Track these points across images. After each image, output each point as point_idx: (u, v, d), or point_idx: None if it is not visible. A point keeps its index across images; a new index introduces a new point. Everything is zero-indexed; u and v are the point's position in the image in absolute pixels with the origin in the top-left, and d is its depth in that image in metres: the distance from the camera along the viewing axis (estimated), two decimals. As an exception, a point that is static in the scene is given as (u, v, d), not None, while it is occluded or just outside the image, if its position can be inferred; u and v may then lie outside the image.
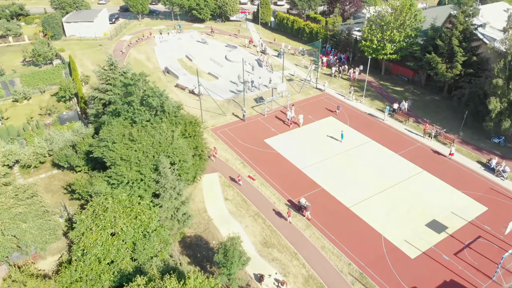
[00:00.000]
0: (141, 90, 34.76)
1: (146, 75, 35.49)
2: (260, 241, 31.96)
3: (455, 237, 32.16)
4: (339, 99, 53.23)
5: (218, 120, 48.63)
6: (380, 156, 41.57)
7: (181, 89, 56.32)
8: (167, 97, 35.20)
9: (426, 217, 33.99)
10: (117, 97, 34.97)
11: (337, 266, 29.88)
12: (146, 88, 34.23)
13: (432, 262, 30.07)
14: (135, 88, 33.93)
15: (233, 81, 58.05)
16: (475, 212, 34.44)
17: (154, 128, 32.71)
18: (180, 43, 70.26)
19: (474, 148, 43.05)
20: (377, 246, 31.41)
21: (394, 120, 48.24)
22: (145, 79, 35.05)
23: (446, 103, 52.15)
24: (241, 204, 35.60)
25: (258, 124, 47.60)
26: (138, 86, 34.29)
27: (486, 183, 37.82)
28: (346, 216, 34.20)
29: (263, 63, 62.25)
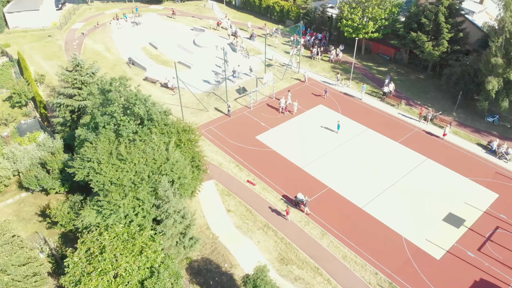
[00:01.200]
0: (122, 96, 29.88)
1: (126, 79, 30.54)
2: (277, 258, 29.03)
3: (474, 230, 30.93)
4: (325, 84, 50.34)
5: (201, 117, 44.33)
6: (380, 146, 39.51)
7: (151, 82, 50.98)
8: (154, 103, 30.61)
9: (441, 211, 32.50)
10: (94, 107, 29.87)
11: (363, 278, 27.69)
12: (128, 94, 29.40)
13: (458, 262, 28.65)
14: (116, 95, 29.02)
15: (209, 70, 53.33)
16: (487, 201, 33.40)
17: (144, 142, 28.25)
18: (140, 29, 63.81)
19: (471, 129, 42.05)
20: (400, 249, 29.53)
21: (386, 104, 46.24)
22: (125, 83, 30.13)
23: (432, 82, 50.83)
24: (246, 216, 32.31)
25: (245, 119, 43.86)
26: (120, 92, 29.38)
27: (491, 167, 36.91)
28: (360, 218, 31.96)
29: (237, 48, 57.78)
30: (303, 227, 31.29)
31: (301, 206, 32.37)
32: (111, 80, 29.34)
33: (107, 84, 28.76)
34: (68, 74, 35.42)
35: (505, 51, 38.89)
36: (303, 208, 32.25)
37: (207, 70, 53.16)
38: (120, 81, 29.36)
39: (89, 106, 31.00)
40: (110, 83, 29.30)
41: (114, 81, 29.53)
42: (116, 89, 29.20)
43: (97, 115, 28.78)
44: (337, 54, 56.02)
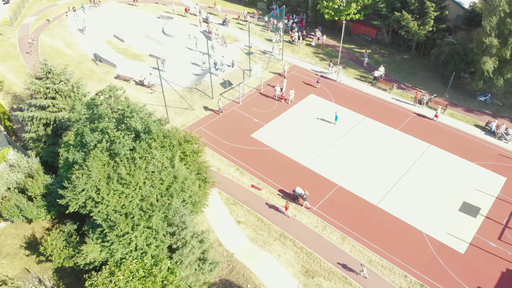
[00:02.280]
0: (113, 109, 26.20)
1: (117, 89, 26.76)
2: (301, 271, 27.09)
3: (491, 218, 30.46)
4: (312, 70, 48.11)
5: (187, 117, 40.91)
6: (382, 135, 38.14)
7: (125, 80, 46.50)
8: (150, 113, 27.15)
9: (456, 201, 31.76)
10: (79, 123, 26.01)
11: (394, 282, 26.42)
12: (121, 106, 25.75)
13: (482, 254, 28.05)
14: (107, 109, 25.30)
15: (186, 62, 49.41)
16: (497, 185, 33.05)
17: (145, 159, 24.92)
18: (101, 20, 58.10)
19: (465, 110, 41.60)
20: (424, 247, 28.48)
21: (377, 89, 44.82)
22: (116, 93, 26.39)
23: (418, 62, 49.97)
24: (259, 226, 29.99)
25: (236, 116, 40.94)
26: (110, 105, 25.66)
27: (493, 149, 36.61)
28: (377, 216, 30.58)
29: (212, 36, 53.97)
30: (321, 232, 29.48)
31: (300, 200, 30.90)
32: (101, 92, 25.55)
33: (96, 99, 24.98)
34: (39, 83, 30.80)
35: (498, 31, 38.18)
36: (302, 202, 30.80)
37: (185, 63, 49.26)
38: (110, 92, 25.60)
39: (73, 121, 26.99)
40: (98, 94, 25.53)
41: (103, 92, 25.76)
42: (105, 102, 25.46)
43: (86, 132, 24.96)
44: (319, 38, 53.77)
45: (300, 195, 31.19)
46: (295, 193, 31.51)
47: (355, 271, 26.88)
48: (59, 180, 28.61)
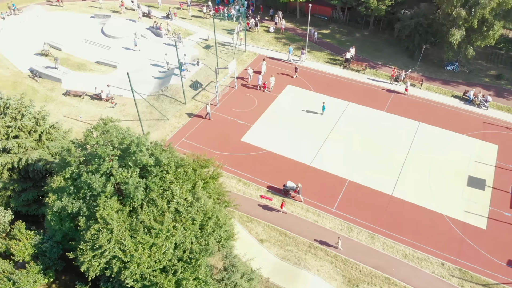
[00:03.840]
0: (113, 145, 21.97)
1: (113, 120, 22.45)
2: (344, 282, 25.64)
3: (498, 188, 31.34)
4: (281, 58, 45.84)
5: (164, 130, 36.78)
6: (371, 120, 37.48)
7: (77, 96, 40.52)
8: (156, 142, 23.28)
9: (462, 177, 32.19)
10: (73, 167, 21.50)
11: (434, 273, 26.08)
12: (125, 140, 21.63)
13: (502, 225, 28.76)
14: (106, 147, 21.09)
15: (142, 66, 44.33)
16: (492, 154, 34.09)
17: (165, 198, 21.34)
18: (28, 28, 49.98)
19: (439, 82, 42.37)
20: (449, 229, 28.48)
21: (351, 71, 43.94)
22: (116, 126, 22.12)
23: (379, 37, 49.93)
24: (284, 241, 27.85)
25: (217, 120, 37.64)
26: (112, 141, 21.42)
27: (477, 118, 37.73)
28: (396, 206, 29.98)
29: (162, 32, 49.04)
30: (348, 235, 28.18)
31: (292, 194, 29.96)
32: (96, 127, 21.22)
33: (90, 137, 20.64)
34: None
35: (464, 1, 38.75)
36: (294, 195, 29.93)
37: (142, 67, 44.18)
38: (104, 127, 21.36)
39: (61, 165, 22.29)
40: (93, 129, 21.19)
41: (98, 128, 21.44)
42: (101, 139, 21.19)
43: (90, 177, 20.58)
44: (276, 23, 51.37)
45: (292, 188, 29.93)
46: (287, 187, 30.16)
47: (393, 270, 26.06)
48: (51, 235, 23.92)
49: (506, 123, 36.90)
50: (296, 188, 29.83)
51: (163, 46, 47.47)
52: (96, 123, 22.37)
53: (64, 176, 21.72)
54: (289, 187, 30.21)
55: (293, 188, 30.00)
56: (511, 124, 36.81)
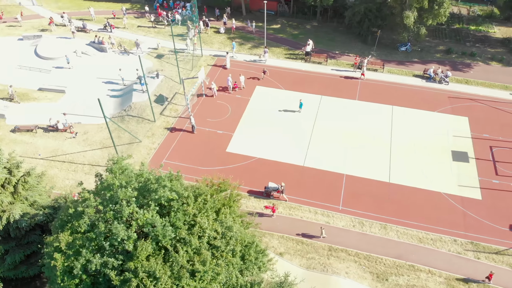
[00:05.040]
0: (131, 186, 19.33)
1: (123, 158, 19.70)
2: (373, 279, 25.42)
3: (480, 158, 33.12)
4: (242, 60, 44.36)
5: (139, 153, 33.78)
6: (348, 110, 37.71)
7: (28, 131, 35.71)
8: (171, 174, 20.90)
9: (446, 153, 33.54)
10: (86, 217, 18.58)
11: (450, 251, 26.88)
12: (142, 177, 19.13)
13: (494, 193, 30.40)
14: (126, 189, 18.48)
15: (94, 86, 40.24)
16: (465, 126, 35.97)
17: (195, 234, 19.31)
18: None
19: (396, 63, 43.80)
20: (450, 206, 29.52)
21: (313, 64, 43.84)
22: (126, 165, 19.42)
23: (329, 27, 50.53)
24: (303, 249, 26.93)
25: (193, 134, 35.38)
26: (130, 183, 18.79)
27: (441, 93, 39.60)
28: (397, 192, 30.44)
29: (106, 46, 45.02)
30: (362, 230, 28.03)
31: (275, 194, 29.69)
32: (109, 170, 18.47)
33: (110, 180, 17.91)
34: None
35: (413, -17, 40.26)
36: (277, 195, 29.63)
37: (95, 87, 40.12)
38: (121, 167, 18.70)
39: (66, 219, 19.18)
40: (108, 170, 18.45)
41: (114, 170, 18.69)
42: (117, 181, 18.53)
43: (116, 228, 17.77)
44: (225, 23, 49.65)
45: (275, 189, 29.45)
46: (269, 188, 29.54)
47: (414, 256, 26.42)
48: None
49: (468, 95, 39.17)
50: (279, 188, 29.19)
51: (110, 61, 43.60)
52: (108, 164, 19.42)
53: (77, 230, 18.70)
54: (271, 188, 29.47)
55: (275, 188, 29.38)
56: (473, 95, 39.12)
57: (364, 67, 41.14)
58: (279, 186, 29.36)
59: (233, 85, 39.34)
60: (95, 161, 32.81)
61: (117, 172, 18.11)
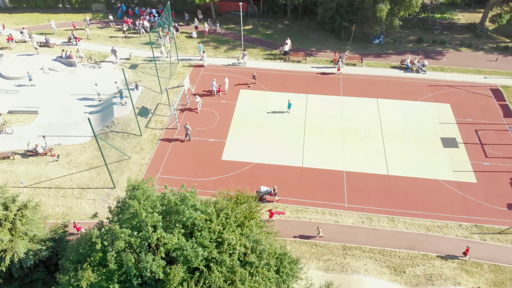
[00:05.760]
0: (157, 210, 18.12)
1: (146, 181, 18.39)
2: (391, 273, 25.55)
3: (468, 142, 34.25)
4: (220, 64, 43.40)
5: (131, 171, 32.10)
6: (335, 107, 37.87)
7: (5, 159, 32.94)
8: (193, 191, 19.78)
9: (435, 141, 34.40)
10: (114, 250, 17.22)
11: (457, 236, 27.56)
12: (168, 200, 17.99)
13: (487, 175, 31.52)
14: (152, 214, 17.30)
15: (69, 104, 37.87)
16: (448, 112, 37.11)
17: (226, 252, 18.49)
18: None
19: (374, 56, 44.58)
20: (450, 192, 30.28)
21: (292, 63, 43.68)
22: (147, 188, 18.13)
23: (301, 24, 50.60)
24: (318, 252, 26.63)
25: (186, 145, 34.19)
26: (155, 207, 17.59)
27: (421, 83, 40.65)
28: (397, 184, 30.86)
29: (75, 60, 42.55)
30: (371, 225, 28.16)
31: (268, 198, 29.34)
32: (131, 197, 17.15)
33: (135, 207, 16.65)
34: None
35: (384, -24, 40.99)
36: (271, 198, 29.35)
37: (68, 105, 37.77)
38: (140, 192, 17.44)
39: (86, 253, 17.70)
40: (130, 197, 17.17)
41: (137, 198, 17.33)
42: (144, 208, 17.30)
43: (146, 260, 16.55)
44: (196, 27, 48.43)
45: (267, 192, 29.18)
46: (261, 192, 29.19)
47: (425, 245, 26.86)
48: None
49: (446, 82, 40.46)
50: (271, 191, 28.89)
51: (81, 76, 41.27)
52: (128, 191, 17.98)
53: (98, 263, 17.29)
54: (263, 192, 29.11)
55: (268, 192, 29.03)
56: (451, 82, 40.46)
57: (341, 62, 41.41)
58: (271, 189, 28.86)
59: (218, 89, 38.45)
60: (84, 183, 30.85)
61: (141, 199, 16.83)
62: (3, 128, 34.45)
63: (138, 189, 17.53)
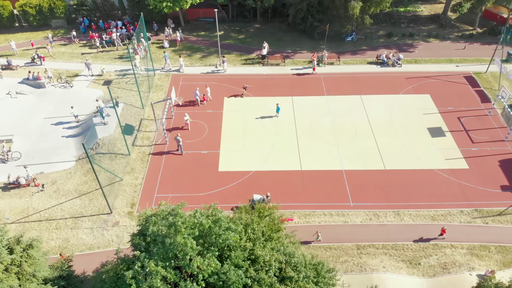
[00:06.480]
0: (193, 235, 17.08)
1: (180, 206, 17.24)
2: (408, 266, 25.82)
3: (452, 130, 35.47)
4: (199, 73, 42.36)
5: (126, 194, 30.47)
6: (321, 107, 38.01)
7: (-22, 194, 30.45)
8: (218, 210, 18.88)
9: (422, 131, 35.29)
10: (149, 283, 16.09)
11: (461, 222, 28.39)
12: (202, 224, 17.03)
13: (477, 160, 32.65)
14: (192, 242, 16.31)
15: (44, 127, 35.48)
16: (429, 103, 38.30)
17: (263, 270, 17.87)
18: None
19: (350, 54, 45.23)
20: (446, 180, 31.13)
21: (271, 66, 43.45)
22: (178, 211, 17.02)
23: (273, 27, 50.60)
24: (333, 254, 26.44)
25: (179, 160, 32.99)
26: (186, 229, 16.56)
27: (399, 76, 41.72)
28: (396, 177, 31.32)
29: (44, 81, 39.97)
30: (379, 221, 28.37)
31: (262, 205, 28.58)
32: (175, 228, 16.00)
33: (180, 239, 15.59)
34: None
35: (353, -25, 41.66)
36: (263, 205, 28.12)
37: (44, 130, 35.37)
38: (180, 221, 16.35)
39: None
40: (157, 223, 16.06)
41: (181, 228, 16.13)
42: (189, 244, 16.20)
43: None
44: (167, 36, 47.08)
45: (261, 200, 28.28)
46: (254, 201, 28.13)
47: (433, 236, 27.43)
48: None
49: (422, 73, 41.76)
50: (264, 199, 28.25)
51: (53, 97, 38.85)
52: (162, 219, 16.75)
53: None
54: (257, 200, 28.13)
55: (262, 199, 28.27)
56: (426, 73, 41.81)
57: (315, 62, 41.56)
58: (264, 197, 28.33)
59: (202, 98, 37.51)
60: (77, 212, 28.94)
61: (181, 227, 15.75)
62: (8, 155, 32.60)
63: (175, 216, 16.30)
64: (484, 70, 41.76)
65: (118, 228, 27.86)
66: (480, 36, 47.52)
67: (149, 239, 17.55)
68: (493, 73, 41.34)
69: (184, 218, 16.22)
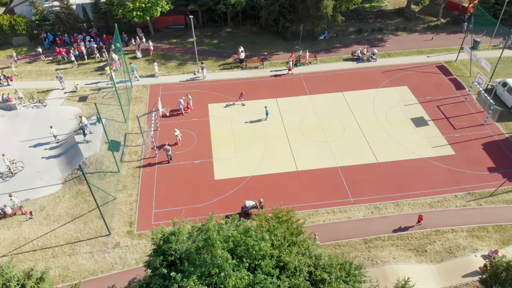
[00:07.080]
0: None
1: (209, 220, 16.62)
2: (415, 254, 26.40)
3: (434, 118, 36.78)
4: (178, 82, 41.47)
5: (122, 213, 29.25)
6: (306, 107, 38.29)
7: (-42, 229, 28.19)
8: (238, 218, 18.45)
9: (406, 123, 36.26)
10: None
11: (457, 206, 29.36)
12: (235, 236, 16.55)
13: (461, 145, 33.91)
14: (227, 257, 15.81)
15: (20, 152, 33.43)
16: (408, 94, 39.51)
17: (296, 276, 17.72)
18: None
19: (325, 52, 45.89)
20: (436, 168, 32.20)
21: (250, 69, 43.28)
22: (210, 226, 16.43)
23: (245, 30, 50.41)
24: (344, 251, 26.54)
25: (172, 172, 32.09)
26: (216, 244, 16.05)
27: (375, 71, 42.78)
28: (391, 170, 32.02)
29: (15, 102, 37.71)
30: (380, 213, 28.91)
31: (254, 212, 28.35)
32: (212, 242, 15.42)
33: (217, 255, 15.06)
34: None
35: (323, -26, 42.26)
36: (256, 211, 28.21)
37: (21, 154, 33.33)
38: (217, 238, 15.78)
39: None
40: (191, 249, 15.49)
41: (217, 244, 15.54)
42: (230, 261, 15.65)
43: None
44: (138, 46, 45.79)
45: (253, 207, 28.38)
46: (247, 208, 28.39)
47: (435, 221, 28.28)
48: None
49: (396, 66, 43.07)
50: (256, 205, 28.13)
51: (26, 118, 36.74)
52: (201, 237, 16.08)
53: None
54: (250, 207, 28.23)
55: (254, 206, 28.19)
56: (400, 66, 43.15)
57: (290, 62, 41.86)
58: (257, 203, 28.10)
59: (186, 107, 36.79)
60: (73, 237, 27.45)
61: (217, 240, 15.24)
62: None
63: (206, 231, 15.71)
64: (454, 58, 43.65)
65: (120, 249, 26.68)
66: (445, 26, 49.67)
67: (172, 258, 16.92)
68: (462, 61, 43.28)
69: (217, 231, 15.72)
